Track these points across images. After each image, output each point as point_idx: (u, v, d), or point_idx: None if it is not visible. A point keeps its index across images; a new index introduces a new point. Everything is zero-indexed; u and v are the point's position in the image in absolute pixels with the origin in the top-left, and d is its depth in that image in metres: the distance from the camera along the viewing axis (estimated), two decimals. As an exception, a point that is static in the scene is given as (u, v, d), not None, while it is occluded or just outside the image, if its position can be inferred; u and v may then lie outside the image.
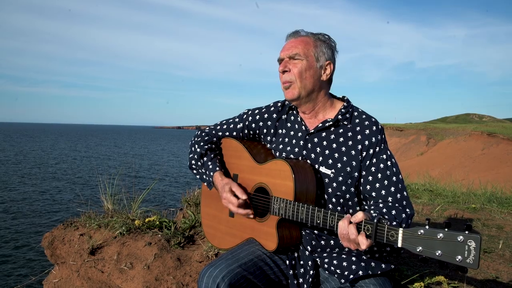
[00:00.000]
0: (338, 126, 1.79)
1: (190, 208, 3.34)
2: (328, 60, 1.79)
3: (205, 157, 2.02)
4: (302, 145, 1.83)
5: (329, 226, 1.57)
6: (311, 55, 1.76)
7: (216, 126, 2.12)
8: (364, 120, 1.77)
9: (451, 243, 1.24)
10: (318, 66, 1.77)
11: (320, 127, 1.79)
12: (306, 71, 1.74)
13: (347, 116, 1.78)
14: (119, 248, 2.67)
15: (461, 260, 1.22)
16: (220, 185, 1.90)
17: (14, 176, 25.52)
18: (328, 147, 1.77)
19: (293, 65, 1.76)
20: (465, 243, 1.21)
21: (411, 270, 2.32)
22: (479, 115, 65.87)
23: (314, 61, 1.76)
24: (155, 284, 2.35)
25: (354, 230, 1.43)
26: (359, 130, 1.75)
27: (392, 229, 1.37)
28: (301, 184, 1.69)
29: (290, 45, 1.78)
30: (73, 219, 3.16)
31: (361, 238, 1.42)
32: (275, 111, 1.97)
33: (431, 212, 4.10)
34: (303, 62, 1.74)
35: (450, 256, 1.24)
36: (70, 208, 16.06)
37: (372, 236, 1.41)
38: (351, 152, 1.73)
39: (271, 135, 1.95)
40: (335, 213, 1.55)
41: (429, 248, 1.28)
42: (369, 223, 1.43)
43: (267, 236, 1.80)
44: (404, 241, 1.33)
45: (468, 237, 1.21)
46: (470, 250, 1.20)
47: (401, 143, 34.47)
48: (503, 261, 2.68)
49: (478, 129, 28.75)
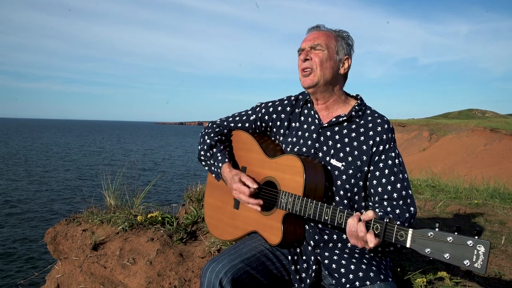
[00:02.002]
0: (351, 122, 1.83)
1: (193, 204, 3.34)
2: (347, 55, 1.85)
3: (214, 148, 2.02)
4: (315, 138, 1.85)
5: (337, 223, 1.57)
6: (332, 47, 1.81)
7: (228, 118, 2.12)
8: (377, 118, 1.82)
9: (460, 247, 1.24)
10: (337, 59, 1.82)
11: (333, 122, 1.83)
12: (326, 61, 1.79)
13: (360, 113, 1.83)
14: (122, 244, 2.67)
15: (469, 264, 1.22)
16: (229, 176, 1.90)
17: (20, 169, 25.61)
18: (340, 141, 1.81)
19: (315, 54, 1.80)
20: (474, 248, 1.21)
21: (414, 265, 2.32)
22: (482, 111, 65.66)
23: (334, 53, 1.81)
24: (157, 279, 2.36)
25: (363, 228, 1.44)
26: (371, 126, 1.79)
27: (401, 229, 1.37)
28: (311, 181, 1.70)
29: (312, 36, 1.83)
30: (76, 215, 3.17)
31: (370, 236, 1.43)
32: (288, 105, 1.99)
33: (433, 207, 4.09)
34: (324, 53, 1.79)
35: (458, 260, 1.24)
36: (72, 204, 16.13)
37: (380, 235, 1.41)
38: (363, 147, 1.76)
39: (284, 128, 1.97)
40: (344, 211, 1.56)
41: (438, 251, 1.28)
42: (378, 222, 1.43)
43: (271, 230, 1.80)
44: (413, 242, 1.34)
45: (478, 242, 1.21)
46: (479, 255, 1.21)
47: (403, 138, 34.41)
48: (506, 257, 2.67)
49: (480, 125, 28.66)
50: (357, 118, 1.82)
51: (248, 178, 1.86)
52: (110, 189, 3.35)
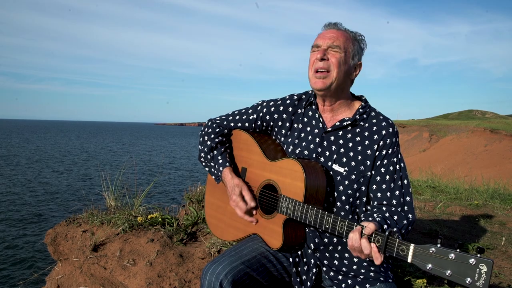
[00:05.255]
0: (355, 126, 1.77)
1: (193, 205, 3.34)
2: (360, 61, 1.79)
3: (215, 151, 1.99)
4: (318, 142, 1.80)
5: (338, 233, 1.56)
6: (349, 51, 1.73)
7: (228, 117, 2.07)
8: (382, 121, 1.76)
9: (462, 265, 1.22)
10: (352, 63, 1.75)
11: (337, 126, 1.78)
12: (342, 65, 1.71)
13: (364, 117, 1.77)
14: (122, 245, 2.67)
15: (470, 282, 1.20)
16: (230, 184, 1.88)
17: (20, 169, 25.61)
18: (344, 145, 1.75)
19: (332, 55, 1.71)
20: (477, 266, 1.20)
21: (414, 266, 2.32)
22: (482, 111, 65.61)
23: (350, 57, 1.74)
24: (157, 280, 2.36)
25: (368, 245, 1.41)
26: (376, 130, 1.74)
27: (403, 244, 1.36)
28: (312, 186, 1.68)
29: (331, 35, 1.73)
30: (76, 216, 3.17)
31: (375, 254, 1.40)
32: (291, 104, 1.92)
33: (434, 208, 4.09)
34: (342, 55, 1.71)
35: (459, 277, 1.22)
36: (72, 205, 16.12)
37: (382, 248, 1.39)
38: (367, 152, 1.72)
39: (286, 129, 1.91)
40: (345, 220, 1.53)
41: (439, 267, 1.27)
42: (379, 234, 1.41)
43: (272, 234, 1.79)
44: (414, 257, 1.32)
45: (480, 260, 1.20)
46: (481, 274, 1.19)
47: (403, 139, 34.39)
48: (506, 258, 2.67)
49: (481, 126, 28.64)
50: (362, 122, 1.76)
51: (248, 193, 1.84)
52: (110, 190, 3.35)
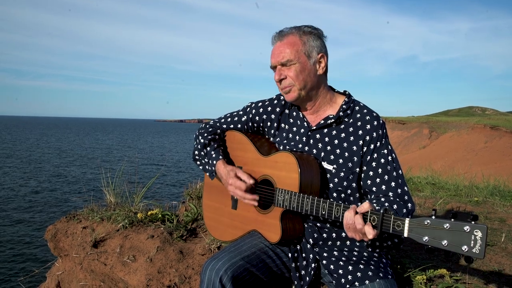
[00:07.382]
0: (340, 123, 1.78)
1: (193, 201, 3.34)
2: (320, 53, 1.76)
3: (208, 147, 2.02)
4: (305, 141, 1.82)
5: (334, 217, 1.57)
6: (302, 55, 1.72)
7: (220, 119, 2.11)
8: (365, 114, 1.76)
9: (457, 233, 1.24)
10: (311, 63, 1.74)
11: (322, 124, 1.79)
12: (301, 73, 1.72)
13: (348, 112, 1.77)
14: (122, 241, 2.68)
15: (467, 249, 1.22)
16: (224, 172, 1.88)
17: (20, 167, 25.62)
18: (330, 143, 1.77)
19: (288, 71, 1.73)
20: (472, 233, 1.22)
21: (413, 263, 2.32)
22: (482, 108, 65.56)
23: (307, 60, 1.73)
24: (157, 276, 2.36)
25: (361, 220, 1.43)
26: (360, 125, 1.74)
27: (398, 219, 1.37)
28: (306, 177, 1.70)
29: (279, 50, 1.74)
30: (76, 212, 3.17)
31: (368, 228, 1.42)
32: (278, 105, 1.96)
33: (434, 205, 4.09)
34: (296, 66, 1.72)
35: (456, 246, 1.24)
36: (73, 201, 16.14)
37: (378, 226, 1.41)
38: (353, 148, 1.73)
39: (275, 129, 1.95)
40: (341, 204, 1.55)
41: (435, 238, 1.28)
42: (375, 213, 1.43)
43: (270, 228, 1.80)
44: (410, 231, 1.34)
45: (474, 226, 1.22)
46: (477, 240, 1.21)
47: (403, 136, 34.40)
48: (506, 254, 2.67)
49: (481, 122, 28.65)
50: (346, 118, 1.77)
51: (243, 173, 1.85)
52: (110, 186, 3.35)
